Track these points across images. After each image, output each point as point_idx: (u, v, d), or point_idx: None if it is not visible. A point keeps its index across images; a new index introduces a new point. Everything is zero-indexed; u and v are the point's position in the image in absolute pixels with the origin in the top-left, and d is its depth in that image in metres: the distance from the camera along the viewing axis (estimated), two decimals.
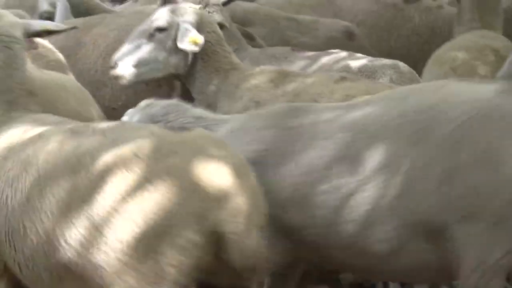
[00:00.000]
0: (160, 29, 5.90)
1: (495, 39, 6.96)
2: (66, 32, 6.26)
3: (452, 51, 6.77)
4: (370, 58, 6.90)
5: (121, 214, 4.00)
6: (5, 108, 5.00)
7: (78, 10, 8.56)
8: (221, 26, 6.80)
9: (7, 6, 8.93)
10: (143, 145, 4.15)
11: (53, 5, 8.61)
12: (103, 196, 4.03)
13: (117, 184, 4.05)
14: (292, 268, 5.27)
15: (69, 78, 6.88)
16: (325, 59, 6.77)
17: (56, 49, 6.82)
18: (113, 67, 6.07)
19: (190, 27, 5.79)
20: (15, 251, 4.45)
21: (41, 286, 4.55)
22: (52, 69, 6.48)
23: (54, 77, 6.01)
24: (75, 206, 4.11)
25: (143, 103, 5.67)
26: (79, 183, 4.12)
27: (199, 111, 5.46)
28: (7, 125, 4.86)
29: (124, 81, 6.14)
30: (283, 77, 5.75)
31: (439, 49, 6.93)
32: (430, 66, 6.77)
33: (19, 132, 4.73)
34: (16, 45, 5.26)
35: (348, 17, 8.19)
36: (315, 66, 6.74)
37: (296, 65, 6.80)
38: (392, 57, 6.86)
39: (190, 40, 5.74)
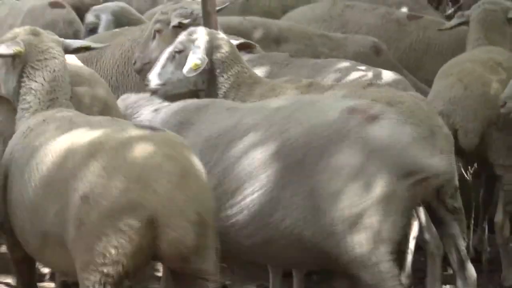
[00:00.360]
0: (179, 52, 6.25)
1: (499, 53, 7.24)
2: None
3: (459, 64, 7.16)
4: (367, 67, 7.11)
5: (80, 195, 4.61)
6: (48, 104, 5.61)
7: (120, 22, 8.82)
8: None
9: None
10: (112, 138, 4.79)
11: (98, 17, 8.94)
12: (77, 177, 4.67)
13: (85, 168, 4.68)
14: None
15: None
16: (323, 66, 7.01)
17: (83, 57, 7.26)
18: (147, 84, 6.42)
19: (197, 51, 6.11)
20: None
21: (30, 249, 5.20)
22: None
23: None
24: (55, 184, 4.81)
25: (123, 95, 6.48)
26: (57, 164, 4.83)
27: (159, 104, 6.13)
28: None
29: (157, 96, 6.39)
30: (308, 86, 5.97)
31: (448, 62, 7.27)
32: (439, 77, 7.11)
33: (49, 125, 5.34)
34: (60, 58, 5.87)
35: (354, 29, 8.45)
36: (313, 72, 6.96)
37: (295, 71, 6.96)
38: None
39: (191, 65, 6.05)
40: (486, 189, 7.62)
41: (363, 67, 6.80)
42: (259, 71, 6.96)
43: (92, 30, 8.80)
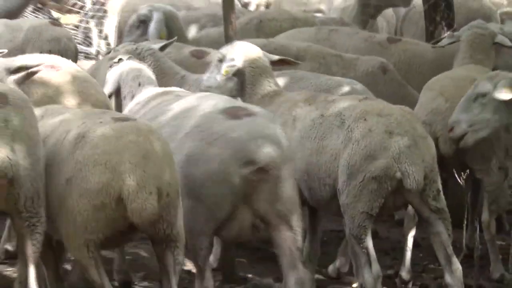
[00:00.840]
0: (220, 61, 6.51)
1: (478, 71, 7.32)
2: None
3: (441, 80, 7.52)
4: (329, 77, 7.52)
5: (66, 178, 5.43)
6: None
7: (167, 25, 9.03)
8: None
9: None
10: (105, 131, 5.46)
11: (151, 13, 9.12)
12: (75, 160, 5.39)
13: (77, 151, 5.46)
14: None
15: None
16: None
17: None
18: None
19: (230, 62, 6.41)
20: None
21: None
22: None
23: None
24: (63, 163, 5.54)
25: None
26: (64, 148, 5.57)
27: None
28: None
29: None
30: (315, 97, 6.24)
31: (432, 78, 7.59)
32: (424, 91, 7.40)
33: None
34: None
35: (341, 50, 8.43)
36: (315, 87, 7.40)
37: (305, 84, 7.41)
38: None
39: (223, 72, 6.41)
40: (473, 191, 7.57)
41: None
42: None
43: (143, 21, 8.99)
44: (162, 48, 8.04)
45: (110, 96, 6.97)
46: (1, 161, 5.51)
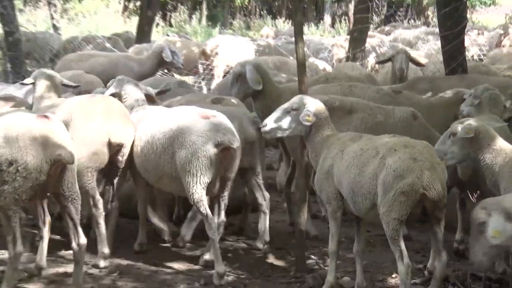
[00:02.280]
0: (294, 109, 6.35)
1: (496, 120, 7.03)
2: None
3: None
4: None
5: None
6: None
7: (259, 72, 8.52)
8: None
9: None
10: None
11: (243, 67, 8.51)
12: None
13: None
14: None
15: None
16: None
17: None
18: (263, 126, 6.51)
19: (309, 112, 6.27)
20: None
21: None
22: None
23: None
24: None
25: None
26: None
27: None
28: None
29: (267, 136, 6.67)
30: (359, 137, 6.19)
31: None
32: None
33: None
34: None
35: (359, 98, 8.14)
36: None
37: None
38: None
39: (306, 119, 6.25)
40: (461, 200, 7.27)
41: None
42: None
43: (239, 75, 8.53)
44: (158, 93, 8.07)
45: None
46: (71, 154, 5.70)
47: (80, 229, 5.83)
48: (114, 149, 6.81)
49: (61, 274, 6.40)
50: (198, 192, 6.48)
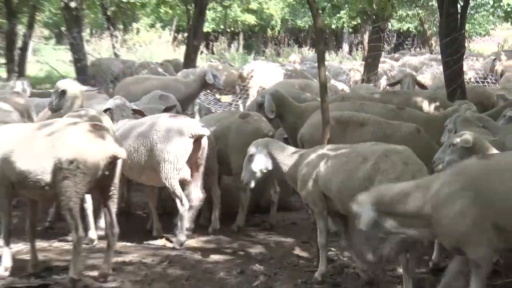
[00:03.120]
0: (251, 156, 6.26)
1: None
2: None
3: None
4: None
5: None
6: None
7: (276, 102, 8.66)
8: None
9: None
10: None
11: (263, 97, 8.68)
12: None
13: None
14: None
15: None
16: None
17: None
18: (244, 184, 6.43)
19: (259, 159, 6.21)
20: None
21: None
22: None
23: None
24: None
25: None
26: None
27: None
28: None
29: (248, 187, 6.60)
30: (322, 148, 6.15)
31: None
32: None
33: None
34: None
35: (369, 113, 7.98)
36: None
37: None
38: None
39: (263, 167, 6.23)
40: None
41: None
42: None
43: (260, 105, 8.73)
44: (104, 111, 7.70)
45: None
46: (123, 150, 5.77)
47: (115, 219, 5.83)
48: None
49: (120, 262, 6.37)
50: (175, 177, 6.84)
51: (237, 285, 5.89)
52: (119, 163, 5.72)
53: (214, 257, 6.71)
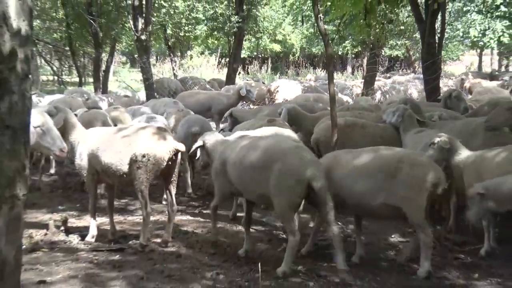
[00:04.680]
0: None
1: None
2: None
3: None
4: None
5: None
6: None
7: (290, 116, 8.30)
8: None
9: None
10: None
11: (281, 108, 8.29)
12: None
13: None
14: None
15: None
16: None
17: None
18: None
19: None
20: None
21: None
22: None
23: None
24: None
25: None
26: None
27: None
28: None
29: (202, 168, 5.92)
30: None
31: None
32: None
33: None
34: None
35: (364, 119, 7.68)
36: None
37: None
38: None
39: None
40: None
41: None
42: None
43: (280, 114, 8.37)
44: None
45: None
46: (182, 145, 5.56)
47: (174, 199, 5.66)
48: None
49: (177, 232, 6.17)
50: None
51: (265, 250, 5.66)
52: (179, 156, 5.60)
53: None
